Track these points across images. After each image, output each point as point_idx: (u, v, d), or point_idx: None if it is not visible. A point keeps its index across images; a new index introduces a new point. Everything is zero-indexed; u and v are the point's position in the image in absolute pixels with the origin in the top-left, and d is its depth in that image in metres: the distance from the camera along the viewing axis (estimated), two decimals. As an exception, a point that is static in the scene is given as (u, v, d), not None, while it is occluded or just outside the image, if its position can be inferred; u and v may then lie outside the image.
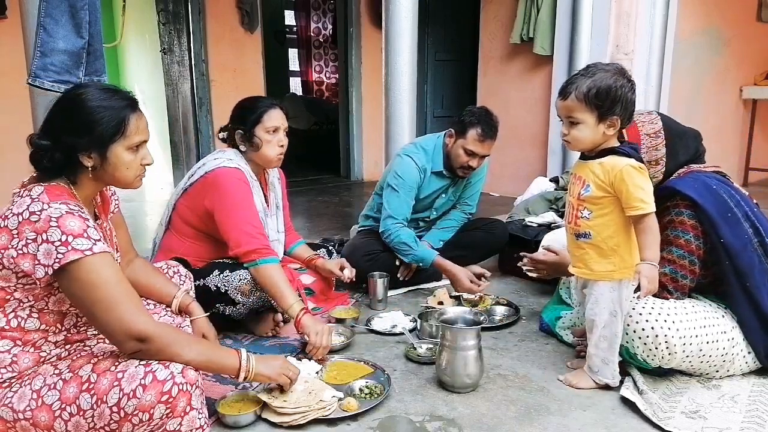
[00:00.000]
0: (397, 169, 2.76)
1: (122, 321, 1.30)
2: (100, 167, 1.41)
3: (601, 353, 1.79)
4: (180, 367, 1.31)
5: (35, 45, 2.07)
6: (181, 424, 1.31)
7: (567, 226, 1.85)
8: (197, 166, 2.23)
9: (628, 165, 1.66)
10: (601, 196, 1.70)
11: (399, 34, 3.06)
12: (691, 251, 1.81)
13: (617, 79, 1.66)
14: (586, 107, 1.66)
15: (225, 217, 2.08)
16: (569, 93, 1.69)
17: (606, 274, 1.74)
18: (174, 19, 5.28)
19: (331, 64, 9.22)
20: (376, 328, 2.31)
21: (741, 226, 1.80)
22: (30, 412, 1.30)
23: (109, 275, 1.31)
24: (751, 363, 1.87)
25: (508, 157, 5.10)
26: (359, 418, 1.67)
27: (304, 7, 8.84)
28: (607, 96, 1.65)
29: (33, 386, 1.32)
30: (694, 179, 1.86)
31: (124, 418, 1.27)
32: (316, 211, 4.71)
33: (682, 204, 1.82)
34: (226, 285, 2.11)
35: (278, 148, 2.20)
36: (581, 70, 1.73)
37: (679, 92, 4.54)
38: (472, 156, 2.65)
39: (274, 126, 2.18)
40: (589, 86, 1.65)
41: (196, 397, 1.34)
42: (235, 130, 2.21)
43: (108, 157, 1.40)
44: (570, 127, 1.71)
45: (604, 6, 4.11)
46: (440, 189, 2.85)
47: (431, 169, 2.77)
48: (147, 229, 4.27)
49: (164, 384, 1.27)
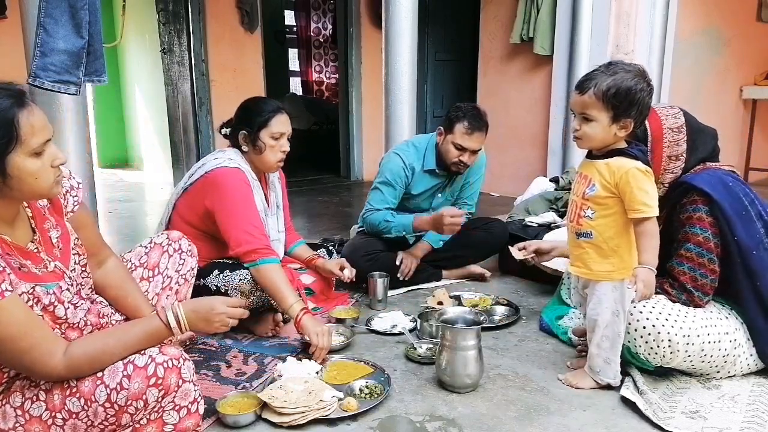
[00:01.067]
0: (383, 166, 2.81)
1: (35, 367, 1.23)
2: (2, 185, 1.20)
3: (603, 353, 1.79)
4: (156, 348, 1.30)
5: (35, 45, 2.07)
6: (174, 398, 1.31)
7: (569, 224, 1.84)
8: (197, 166, 2.23)
9: (634, 167, 1.65)
10: (606, 196, 1.70)
11: (399, 34, 3.06)
12: (709, 249, 1.77)
13: (638, 81, 1.63)
14: (602, 105, 1.64)
15: (225, 217, 2.07)
16: (588, 88, 1.65)
17: (605, 275, 1.74)
18: (174, 19, 5.28)
19: (331, 64, 9.22)
20: (376, 328, 2.31)
21: (754, 225, 1.78)
22: (21, 428, 1.29)
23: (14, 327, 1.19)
24: (752, 365, 1.87)
25: (508, 157, 5.11)
26: (359, 418, 1.67)
27: (304, 7, 8.84)
28: (625, 97, 1.62)
29: (13, 403, 1.30)
30: (710, 176, 1.84)
31: (120, 410, 1.27)
32: (316, 211, 4.71)
33: (699, 200, 1.79)
34: (226, 285, 2.11)
35: (280, 153, 2.21)
36: (601, 66, 1.69)
37: (679, 92, 4.54)
38: (462, 151, 2.66)
39: (279, 132, 2.19)
40: (609, 85, 1.62)
41: (187, 369, 1.32)
42: (239, 130, 2.21)
43: (8, 173, 1.18)
44: (582, 122, 1.68)
45: (604, 6, 4.11)
46: (434, 187, 2.86)
47: (423, 167, 2.79)
48: (147, 229, 4.26)
49: (146, 368, 1.27)
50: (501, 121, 5.17)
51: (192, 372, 1.35)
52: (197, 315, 1.41)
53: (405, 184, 2.79)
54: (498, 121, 5.20)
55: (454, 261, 2.92)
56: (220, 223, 2.09)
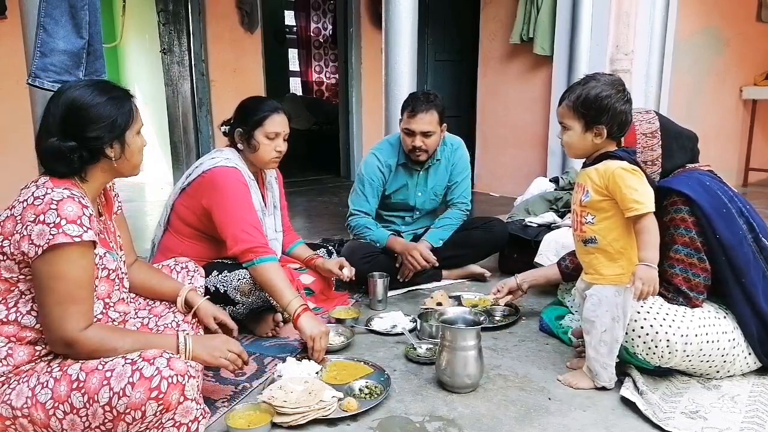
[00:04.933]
0: (360, 167, 2.87)
1: (59, 320, 1.34)
2: (121, 156, 1.47)
3: (600, 358, 1.79)
4: (165, 360, 1.31)
5: (35, 45, 2.07)
6: (174, 415, 1.31)
7: (574, 234, 1.88)
8: (194, 166, 2.23)
9: (619, 167, 1.70)
10: (600, 200, 1.74)
11: (399, 34, 3.06)
12: (697, 248, 1.79)
13: (605, 89, 1.71)
14: (573, 114, 1.75)
15: (223, 216, 2.07)
16: (563, 99, 1.79)
17: (616, 278, 1.75)
18: (174, 20, 5.28)
19: (331, 65, 9.22)
20: (376, 329, 2.31)
21: (736, 222, 1.80)
22: (27, 410, 1.31)
23: (77, 272, 1.35)
24: (751, 364, 1.87)
25: (508, 157, 5.11)
26: (359, 418, 1.67)
27: (304, 7, 8.84)
28: (592, 105, 1.71)
29: (29, 384, 1.34)
30: (687, 177, 1.88)
31: (118, 417, 1.28)
32: (316, 211, 4.71)
33: (679, 201, 1.82)
34: (225, 285, 2.11)
35: (275, 152, 2.21)
36: (582, 78, 1.81)
37: (679, 92, 4.54)
38: (410, 135, 2.69)
39: (274, 131, 2.19)
40: (578, 94, 1.74)
41: (191, 387, 1.33)
42: (235, 128, 2.22)
43: (127, 144, 1.48)
44: (563, 131, 1.81)
45: (604, 6, 4.11)
46: (412, 182, 2.87)
47: (398, 162, 2.83)
48: (147, 229, 4.26)
49: (151, 380, 1.27)
50: (501, 121, 5.18)
51: (196, 390, 1.35)
52: (203, 347, 1.54)
53: (383, 182, 2.84)
54: (498, 121, 5.22)
55: (454, 261, 2.92)
56: (217, 223, 2.09)
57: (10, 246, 1.35)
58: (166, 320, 1.72)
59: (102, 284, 1.49)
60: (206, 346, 1.54)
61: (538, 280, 2.37)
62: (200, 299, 1.78)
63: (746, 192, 5.11)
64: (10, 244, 1.35)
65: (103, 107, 1.42)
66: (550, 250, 2.73)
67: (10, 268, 1.37)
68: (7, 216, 1.38)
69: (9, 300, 1.39)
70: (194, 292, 1.79)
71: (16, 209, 1.37)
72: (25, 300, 1.39)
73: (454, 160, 2.90)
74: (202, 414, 1.38)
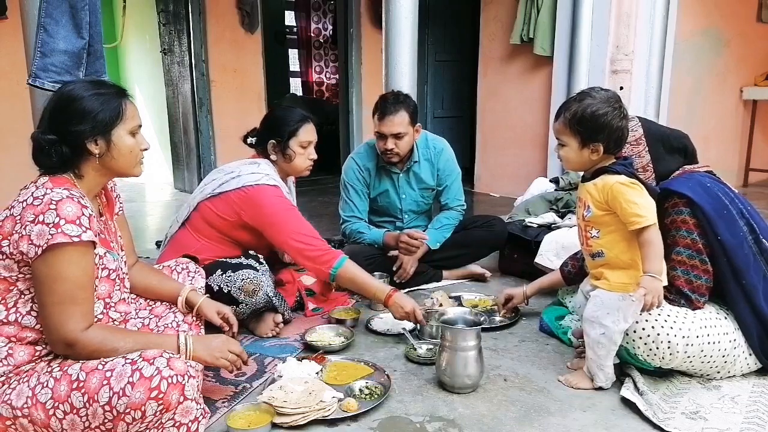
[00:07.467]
0: (342, 175, 2.89)
1: (60, 321, 1.35)
2: (106, 153, 1.46)
3: (598, 360, 1.79)
4: (165, 360, 1.31)
5: (35, 45, 2.07)
6: (174, 415, 1.31)
7: (582, 248, 1.89)
8: (230, 175, 2.21)
9: (616, 182, 1.70)
10: (602, 214, 1.75)
11: (399, 34, 3.06)
12: (698, 250, 1.79)
13: (601, 107, 1.70)
14: (570, 131, 1.74)
15: (278, 235, 2.15)
16: (559, 116, 1.77)
17: (621, 287, 1.75)
18: (174, 20, 5.28)
19: (331, 65, 9.21)
20: (376, 329, 2.31)
21: (737, 224, 1.80)
22: (27, 410, 1.31)
23: (77, 272, 1.36)
24: (752, 364, 1.87)
25: (508, 157, 5.11)
26: (359, 418, 1.67)
27: (304, 7, 8.83)
28: (589, 123, 1.70)
29: (30, 384, 1.34)
30: (687, 178, 1.87)
31: (117, 417, 1.28)
32: (316, 211, 4.71)
33: (680, 203, 1.82)
34: (229, 285, 2.11)
35: (308, 161, 2.31)
36: (577, 93, 1.79)
37: (679, 92, 4.54)
38: (382, 138, 2.69)
39: (308, 140, 2.28)
40: (574, 112, 1.72)
41: (191, 387, 1.33)
42: (268, 139, 2.27)
43: (113, 141, 1.46)
44: (559, 147, 1.80)
45: (604, 6, 4.11)
46: (394, 185, 2.87)
47: (377, 165, 2.84)
48: (147, 229, 4.27)
49: (151, 380, 1.27)
50: (501, 121, 5.18)
51: (195, 390, 1.35)
52: (204, 347, 1.54)
53: (366, 184, 2.85)
54: (498, 122, 5.22)
55: (455, 261, 2.92)
56: (272, 238, 2.17)
57: (10, 246, 1.36)
58: (167, 320, 1.73)
59: (102, 284, 1.49)
60: (206, 346, 1.54)
61: (545, 289, 2.40)
62: (201, 298, 1.80)
63: (746, 192, 5.11)
64: (9, 244, 1.36)
65: (87, 101, 1.42)
66: (550, 251, 2.72)
67: (10, 267, 1.38)
68: (6, 216, 1.38)
69: (8, 300, 1.39)
70: (195, 292, 1.80)
71: (15, 209, 1.37)
72: (24, 300, 1.39)
73: (440, 165, 2.88)
74: (202, 414, 1.38)
